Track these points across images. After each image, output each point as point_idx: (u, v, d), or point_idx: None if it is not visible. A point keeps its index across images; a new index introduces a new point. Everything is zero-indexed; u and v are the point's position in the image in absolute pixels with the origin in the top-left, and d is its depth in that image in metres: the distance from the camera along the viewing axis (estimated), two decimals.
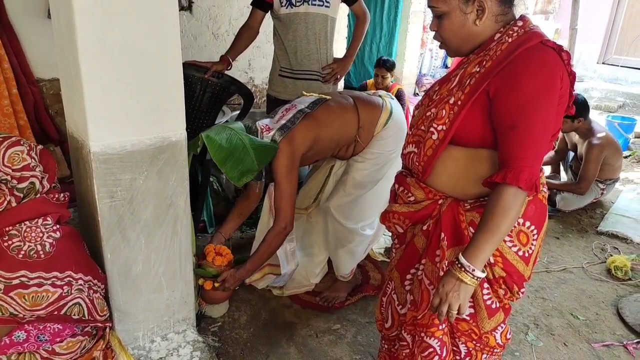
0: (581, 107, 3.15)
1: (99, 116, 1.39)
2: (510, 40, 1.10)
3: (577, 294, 2.40)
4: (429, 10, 5.88)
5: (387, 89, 3.81)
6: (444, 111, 1.16)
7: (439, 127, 1.17)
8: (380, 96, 2.04)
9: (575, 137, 3.30)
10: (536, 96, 1.05)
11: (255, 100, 2.73)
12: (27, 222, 1.36)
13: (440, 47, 1.27)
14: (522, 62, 1.06)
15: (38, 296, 1.32)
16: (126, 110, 1.43)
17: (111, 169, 1.45)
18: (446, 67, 6.81)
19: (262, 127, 1.82)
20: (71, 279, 1.38)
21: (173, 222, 1.65)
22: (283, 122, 1.81)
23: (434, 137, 1.18)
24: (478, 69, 1.13)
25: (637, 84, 6.69)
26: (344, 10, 2.48)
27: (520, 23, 1.13)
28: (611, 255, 2.70)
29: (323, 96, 1.92)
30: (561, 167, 3.65)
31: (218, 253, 1.99)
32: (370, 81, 3.94)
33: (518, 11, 1.17)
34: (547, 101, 1.06)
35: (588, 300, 2.36)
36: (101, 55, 1.34)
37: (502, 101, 1.08)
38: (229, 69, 2.35)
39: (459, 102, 1.13)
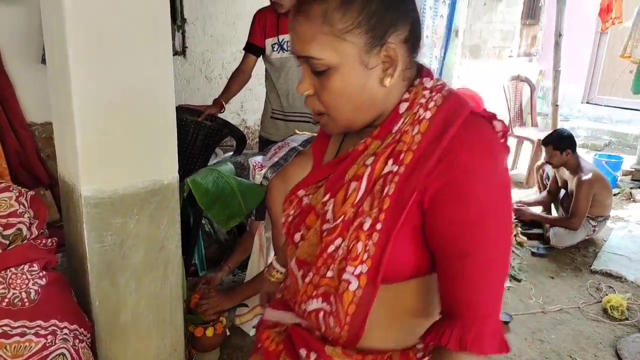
0: (568, 140, 3.23)
1: (91, 160, 1.39)
2: (428, 114, 0.73)
3: (575, 335, 2.37)
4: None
5: None
6: (359, 245, 0.72)
7: (357, 271, 0.73)
8: None
9: (565, 173, 3.35)
10: (495, 202, 0.70)
11: (247, 142, 2.75)
12: (12, 269, 1.32)
13: (316, 121, 0.89)
14: (464, 152, 0.68)
15: (20, 346, 1.27)
16: (119, 154, 1.43)
17: (102, 213, 1.43)
18: None
19: (254, 165, 1.83)
20: (56, 328, 1.33)
21: (164, 266, 1.62)
22: (276, 159, 1.82)
23: (353, 287, 0.73)
24: (393, 168, 0.72)
25: (621, 123, 6.86)
26: None
27: (427, 82, 0.76)
28: (606, 295, 2.68)
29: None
30: (552, 207, 3.67)
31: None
32: None
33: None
34: (507, 206, 0.72)
35: (586, 342, 2.32)
36: (95, 100, 1.35)
37: (446, 217, 0.69)
38: (222, 112, 2.38)
39: (379, 226, 0.71)
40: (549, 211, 3.68)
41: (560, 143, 3.23)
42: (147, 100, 1.44)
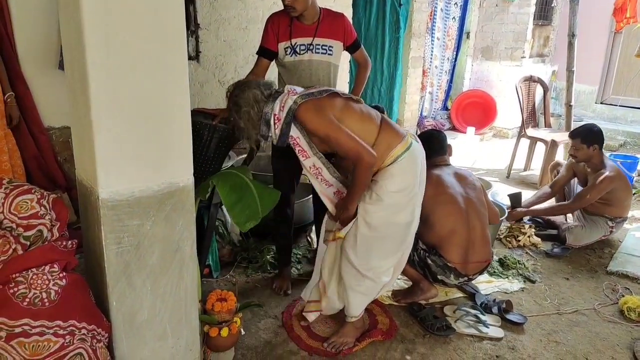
0: (597, 135, 3.18)
1: (109, 163, 1.42)
2: None
3: (591, 337, 2.34)
4: (428, 55, 5.99)
5: None
6: None
7: None
8: (407, 132, 2.10)
9: (586, 169, 3.28)
10: None
11: (261, 145, 2.78)
12: (33, 269, 1.36)
13: None
14: None
15: (39, 345, 1.30)
16: (135, 157, 1.46)
17: (119, 215, 1.47)
18: (446, 109, 6.94)
19: (289, 90, 1.96)
20: (74, 329, 1.37)
21: (179, 267, 1.65)
22: (311, 91, 1.96)
23: None
24: None
25: (636, 123, 6.76)
26: (345, 56, 2.56)
27: None
28: (623, 296, 2.64)
29: (356, 97, 2.11)
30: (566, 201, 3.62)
31: (222, 299, 1.97)
32: None
33: None
34: None
35: (602, 344, 2.30)
36: (112, 105, 1.38)
37: None
38: None
39: None
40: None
41: (589, 137, 3.18)
42: (163, 105, 1.47)
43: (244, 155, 2.67)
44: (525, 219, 3.56)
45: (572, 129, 3.64)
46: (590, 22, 6.38)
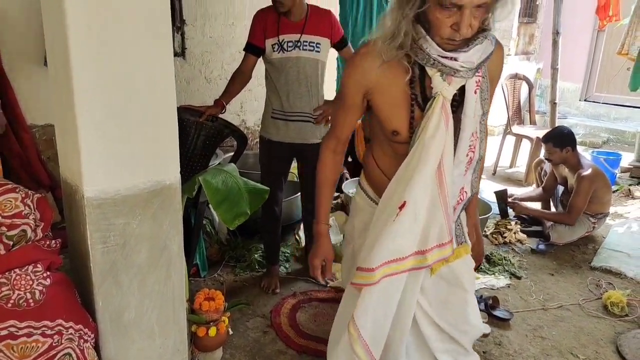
0: (568, 137, 3.24)
1: (94, 161, 1.40)
2: None
3: (576, 332, 2.38)
4: None
5: None
6: None
7: None
8: None
9: (564, 170, 3.36)
10: None
11: (248, 142, 2.77)
12: (16, 270, 1.33)
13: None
14: None
15: (27, 347, 1.28)
16: (121, 155, 1.44)
17: (105, 214, 1.44)
18: None
19: None
20: (62, 328, 1.34)
21: (166, 266, 1.63)
22: None
23: None
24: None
25: (618, 120, 6.87)
26: (333, 53, 2.56)
27: None
28: (606, 291, 2.69)
29: None
30: (551, 204, 3.69)
31: (210, 298, 1.96)
32: (358, 123, 3.99)
33: None
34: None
35: (587, 338, 2.33)
36: (97, 102, 1.36)
37: None
38: (223, 113, 2.38)
39: None
40: (548, 208, 3.69)
41: (560, 140, 3.25)
42: (149, 102, 1.45)
43: (231, 153, 2.65)
44: (511, 215, 3.61)
45: (552, 128, 3.69)
46: (574, 20, 6.46)
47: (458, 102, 1.28)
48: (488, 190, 3.89)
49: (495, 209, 3.54)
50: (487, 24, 1.19)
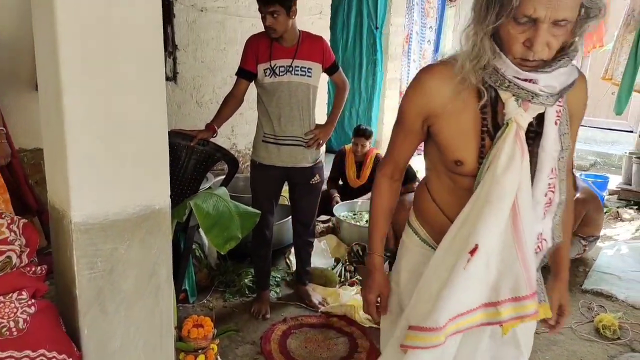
0: None
1: (82, 185, 1.38)
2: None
3: (568, 356, 2.36)
4: (404, 77, 6.08)
5: (365, 155, 3.91)
6: None
7: None
8: None
9: None
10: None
11: (239, 166, 2.77)
12: (0, 297, 1.30)
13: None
14: None
15: None
16: (110, 180, 1.43)
17: (92, 239, 1.42)
18: None
19: None
20: (44, 358, 1.30)
21: (155, 292, 1.60)
22: None
23: None
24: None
25: (604, 143, 6.99)
26: (324, 77, 2.59)
27: None
28: (598, 314, 2.68)
29: None
30: None
31: (198, 324, 1.92)
32: (349, 147, 4.02)
33: None
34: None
35: None
36: (87, 125, 1.35)
37: None
38: (215, 136, 2.39)
39: None
40: None
41: None
42: (140, 126, 1.45)
43: (222, 177, 2.64)
44: None
45: None
46: None
47: (535, 133, 1.10)
48: None
49: None
50: (574, 47, 1.04)
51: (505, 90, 1.05)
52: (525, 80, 1.02)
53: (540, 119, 1.09)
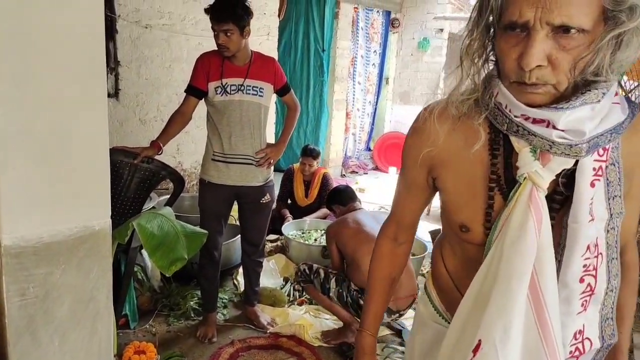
0: None
1: (14, 206, 1.29)
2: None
3: None
4: (351, 98, 6.23)
5: (313, 174, 3.97)
6: None
7: None
8: None
9: None
10: None
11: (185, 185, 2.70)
12: None
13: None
14: None
15: None
16: (45, 199, 1.35)
17: (24, 264, 1.33)
18: (369, 149, 7.21)
19: None
20: None
21: (92, 319, 1.51)
22: None
23: None
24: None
25: None
26: (272, 96, 2.61)
27: None
28: None
29: None
30: None
31: (140, 351, 1.84)
32: (297, 166, 4.06)
33: None
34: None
35: None
36: (20, 142, 1.28)
37: None
38: (160, 154, 2.32)
39: None
40: None
41: None
42: (79, 143, 1.39)
43: (166, 197, 2.57)
44: None
45: None
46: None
47: (564, 196, 0.82)
48: (424, 230, 4.02)
49: (430, 248, 3.65)
50: (603, 69, 0.73)
51: (514, 136, 0.80)
52: (536, 121, 0.75)
53: (572, 176, 0.79)
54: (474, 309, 0.85)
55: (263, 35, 4.52)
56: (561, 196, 0.82)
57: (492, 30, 0.79)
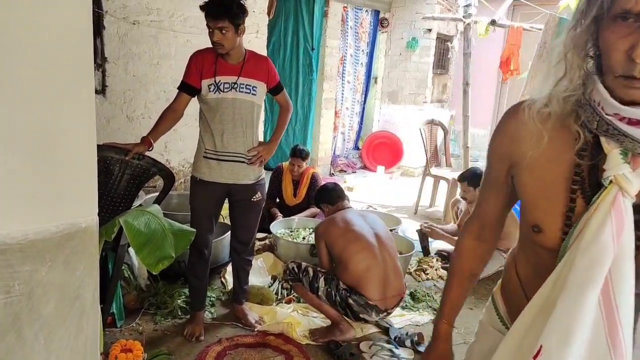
0: (480, 177, 3.49)
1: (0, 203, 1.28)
2: None
3: None
4: (340, 97, 6.25)
5: (302, 174, 3.97)
6: None
7: None
8: None
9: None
10: None
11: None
12: None
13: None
14: None
15: None
16: (32, 196, 1.33)
17: (9, 261, 1.31)
18: (358, 148, 7.23)
19: None
20: None
21: (78, 317, 1.50)
22: None
23: None
24: None
25: None
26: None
27: None
28: None
29: None
30: None
31: (127, 349, 1.83)
32: (286, 165, 4.06)
33: None
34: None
35: None
36: (8, 138, 1.26)
37: None
38: (150, 150, 2.31)
39: None
40: None
41: (473, 180, 3.49)
42: (65, 140, 1.37)
43: (155, 194, 2.55)
44: (433, 252, 3.76)
45: (461, 173, 3.97)
46: (481, 73, 7.11)
47: None
48: (411, 229, 4.05)
49: (418, 246, 3.67)
50: None
51: (605, 136, 0.74)
52: (632, 122, 0.70)
53: None
54: (539, 314, 0.81)
55: (252, 34, 4.50)
56: None
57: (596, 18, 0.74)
